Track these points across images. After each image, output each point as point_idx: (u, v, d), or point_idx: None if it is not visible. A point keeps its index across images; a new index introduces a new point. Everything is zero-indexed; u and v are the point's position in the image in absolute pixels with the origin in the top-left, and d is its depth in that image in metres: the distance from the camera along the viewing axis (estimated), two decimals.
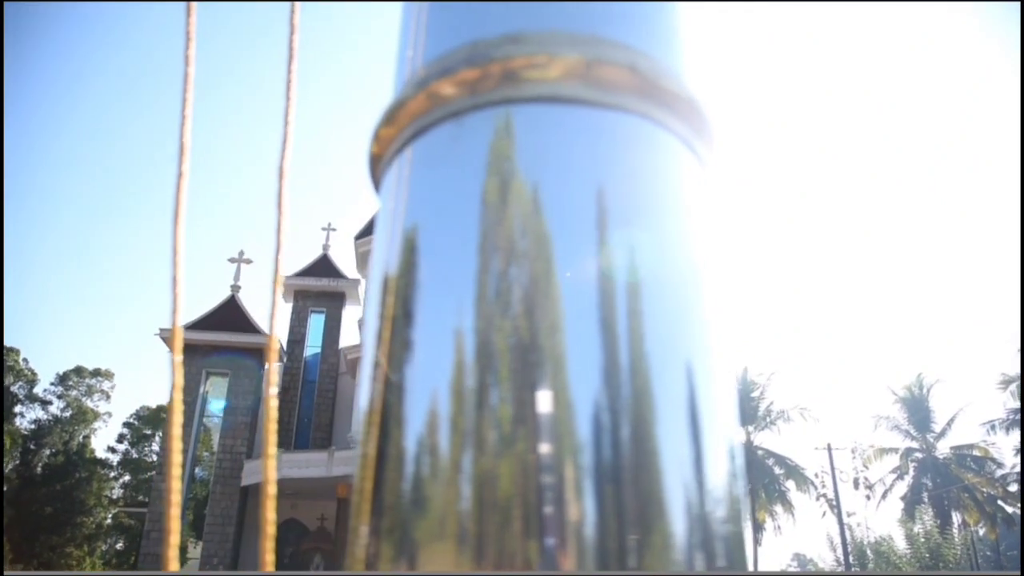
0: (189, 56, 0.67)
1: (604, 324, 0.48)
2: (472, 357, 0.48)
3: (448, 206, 0.51)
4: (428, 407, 0.48)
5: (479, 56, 0.50)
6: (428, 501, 0.46)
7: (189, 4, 0.70)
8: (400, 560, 0.46)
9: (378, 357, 0.51)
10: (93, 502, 44.72)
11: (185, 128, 0.65)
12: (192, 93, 0.66)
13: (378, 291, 0.54)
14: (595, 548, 0.43)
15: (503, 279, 0.49)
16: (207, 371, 21.20)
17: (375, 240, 0.58)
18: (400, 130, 0.54)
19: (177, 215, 0.61)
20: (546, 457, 0.45)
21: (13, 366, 46.08)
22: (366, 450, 0.50)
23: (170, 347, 0.55)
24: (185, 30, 0.69)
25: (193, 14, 0.70)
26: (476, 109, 0.50)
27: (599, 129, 0.50)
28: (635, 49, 0.52)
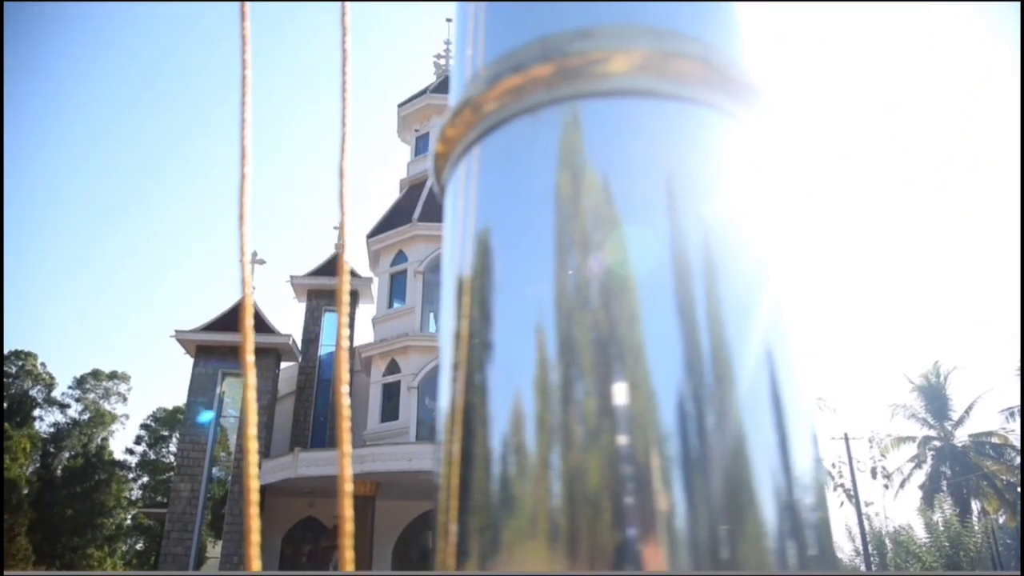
0: (246, 60, 0.68)
1: (682, 312, 0.48)
2: (554, 353, 0.48)
3: (523, 202, 0.51)
4: (512, 405, 0.48)
5: (553, 51, 0.50)
6: (518, 500, 0.46)
7: (243, 5, 0.71)
8: (492, 559, 0.46)
9: (457, 358, 0.51)
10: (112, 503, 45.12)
11: (245, 131, 0.65)
12: (251, 96, 0.67)
13: (453, 292, 0.54)
14: (687, 539, 0.43)
15: (581, 273, 0.49)
16: (223, 372, 21.32)
17: (445, 239, 0.58)
18: (470, 128, 0.54)
19: (242, 217, 0.61)
20: (633, 449, 0.45)
21: (31, 370, 46.48)
22: (450, 449, 0.50)
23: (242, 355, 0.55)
24: (240, 33, 0.70)
25: (247, 18, 0.71)
26: (551, 104, 0.50)
27: (673, 122, 0.50)
28: (705, 41, 0.52)
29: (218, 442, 21.59)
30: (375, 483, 18.18)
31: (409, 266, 21.59)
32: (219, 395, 21.21)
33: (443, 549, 0.48)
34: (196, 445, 20.43)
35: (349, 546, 0.50)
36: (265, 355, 21.38)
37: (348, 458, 0.52)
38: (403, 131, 25.46)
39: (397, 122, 25.30)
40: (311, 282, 23.25)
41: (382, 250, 22.35)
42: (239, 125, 0.65)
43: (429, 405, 19.86)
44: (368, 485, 18.21)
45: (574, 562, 0.44)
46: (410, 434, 19.24)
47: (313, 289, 23.33)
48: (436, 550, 0.50)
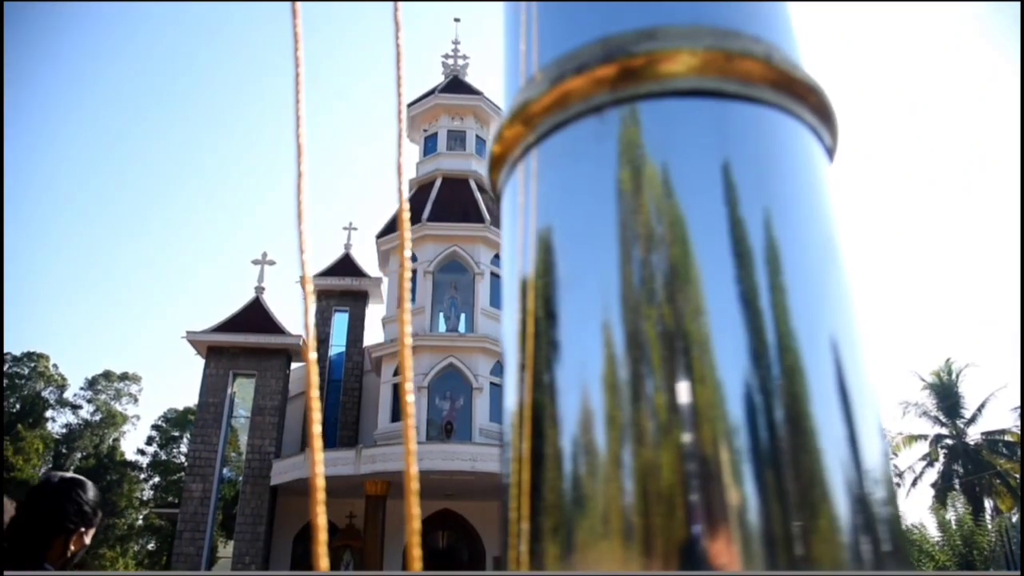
0: (299, 57, 0.68)
1: (746, 303, 0.48)
2: (622, 349, 0.48)
3: (589, 202, 0.51)
4: (582, 404, 0.48)
5: (617, 51, 0.50)
6: (590, 499, 0.46)
7: (294, 5, 0.71)
8: (567, 559, 0.46)
9: (524, 358, 0.52)
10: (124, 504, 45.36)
11: (300, 129, 0.65)
12: (304, 94, 0.67)
13: (516, 292, 0.55)
14: (760, 534, 0.43)
15: (646, 267, 0.49)
16: (234, 372, 21.40)
17: (504, 239, 0.58)
18: (531, 128, 0.54)
19: (300, 216, 0.62)
20: (704, 444, 0.45)
21: (44, 372, 46.79)
22: (519, 449, 0.50)
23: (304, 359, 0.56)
24: (292, 31, 0.70)
25: (299, 15, 0.71)
26: (616, 105, 0.50)
27: (739, 122, 0.50)
28: (767, 41, 0.53)
29: (228, 442, 21.67)
30: (386, 483, 18.22)
31: (419, 266, 21.62)
32: (230, 396, 21.28)
33: (515, 547, 0.49)
34: (208, 446, 20.51)
35: (417, 544, 0.51)
36: (275, 356, 21.45)
37: (413, 456, 0.52)
38: (412, 131, 25.49)
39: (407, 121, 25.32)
40: (321, 282, 23.30)
41: (391, 250, 22.40)
42: (294, 123, 0.65)
43: (439, 405, 19.88)
44: (379, 485, 18.25)
45: (649, 561, 0.44)
46: (420, 434, 19.27)
47: (323, 289, 23.39)
48: (507, 548, 0.50)
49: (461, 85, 25.08)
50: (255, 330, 21.55)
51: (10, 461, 36.91)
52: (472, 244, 21.46)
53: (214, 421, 20.77)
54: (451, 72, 25.89)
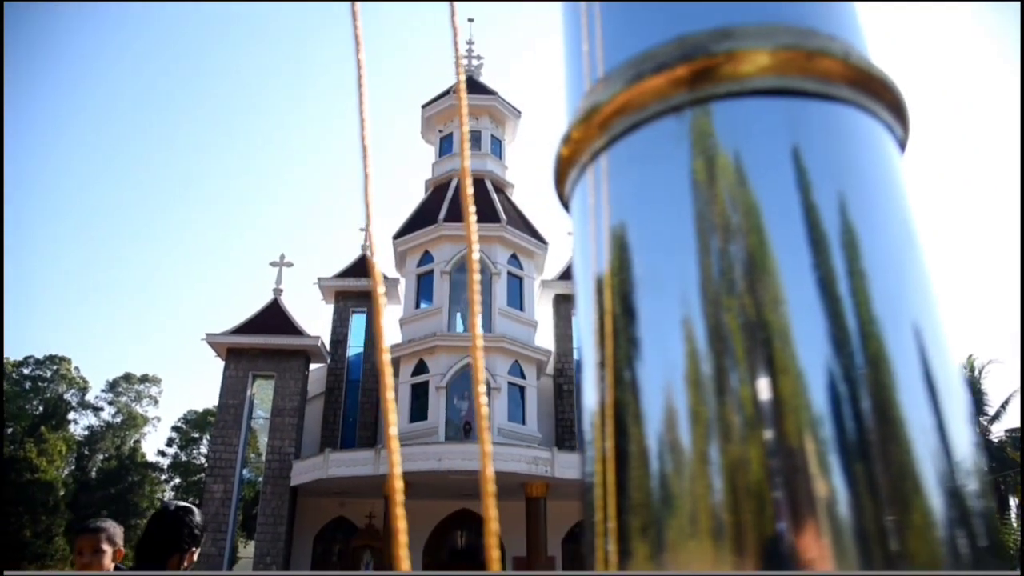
0: (360, 60, 0.69)
1: (825, 290, 0.48)
2: (704, 343, 0.48)
3: (666, 200, 0.51)
4: (665, 400, 0.48)
5: (696, 50, 0.50)
6: (678, 498, 0.46)
7: (354, 5, 0.72)
8: (656, 559, 0.46)
9: (603, 356, 0.52)
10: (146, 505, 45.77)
11: (365, 131, 0.66)
12: (367, 96, 0.68)
13: (590, 292, 0.55)
14: (852, 530, 0.43)
15: (724, 257, 0.49)
16: (253, 374, 21.53)
17: (577, 239, 0.58)
18: (604, 130, 0.54)
19: (368, 216, 0.62)
20: (791, 437, 0.45)
21: (65, 374, 47.31)
22: (602, 448, 0.50)
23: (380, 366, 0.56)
24: (353, 33, 0.71)
25: (359, 17, 0.72)
26: (695, 104, 0.51)
27: (817, 120, 0.50)
28: (842, 39, 0.52)
29: (248, 444, 21.81)
30: (405, 483, 18.25)
31: (436, 266, 21.66)
32: (249, 397, 21.42)
33: (601, 547, 0.49)
34: (228, 447, 20.65)
35: (494, 545, 0.51)
36: (294, 357, 21.57)
37: (489, 458, 0.53)
38: (427, 132, 25.54)
39: (421, 123, 25.38)
40: (339, 284, 23.41)
41: (408, 251, 22.45)
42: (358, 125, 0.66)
43: (457, 405, 19.91)
44: None
45: (740, 559, 0.43)
46: (439, 434, 19.30)
47: (341, 291, 23.49)
48: (592, 549, 0.50)
49: (476, 85, 25.10)
50: (274, 332, 21.68)
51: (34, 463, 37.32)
52: (489, 244, 21.47)
53: (234, 422, 20.91)
54: (465, 72, 25.91)
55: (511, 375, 20.33)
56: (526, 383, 20.64)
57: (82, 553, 3.25)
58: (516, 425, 19.83)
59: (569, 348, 23.18)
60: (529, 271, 22.50)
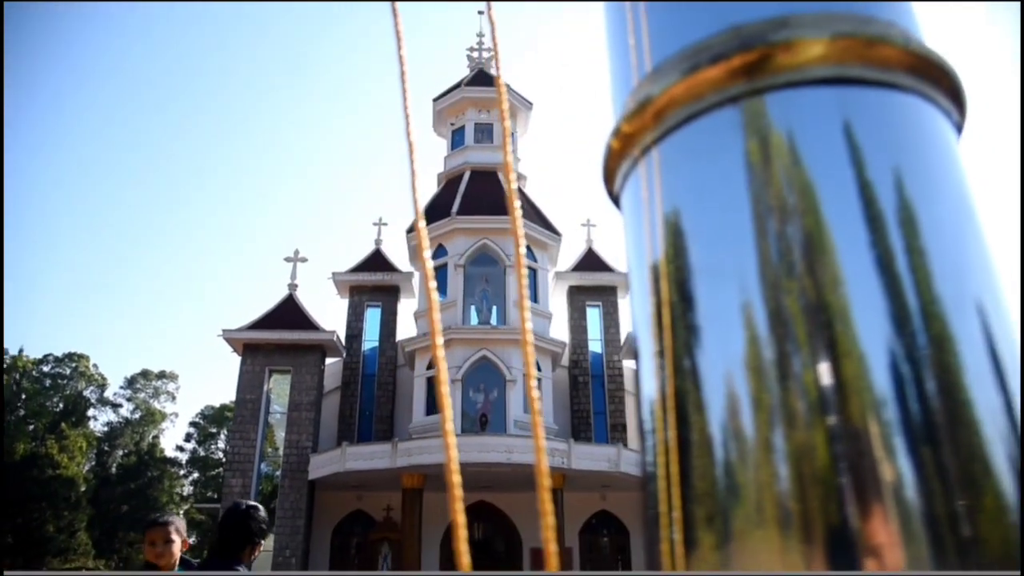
0: (402, 56, 0.69)
1: (884, 268, 0.47)
2: (765, 327, 0.47)
3: (726, 190, 0.51)
4: (727, 388, 0.48)
5: (754, 40, 0.50)
6: (743, 486, 0.46)
7: (394, 5, 0.72)
8: (723, 549, 0.46)
9: (661, 345, 0.52)
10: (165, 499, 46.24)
11: (410, 127, 0.66)
12: (410, 94, 0.68)
13: (645, 281, 0.55)
14: (922, 514, 0.42)
15: (782, 239, 0.48)
16: (270, 369, 21.66)
17: (629, 231, 0.58)
18: (659, 121, 0.54)
19: (417, 214, 0.63)
20: (855, 421, 0.44)
21: (84, 372, 47.78)
22: (663, 437, 0.50)
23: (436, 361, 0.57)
24: (394, 30, 0.71)
25: (399, 14, 0.72)
26: (753, 94, 0.50)
27: (881, 109, 0.50)
28: (900, 25, 0.52)
29: (265, 438, 21.96)
30: (423, 475, 18.35)
31: (449, 260, 21.69)
32: (266, 392, 21.55)
33: (666, 538, 0.49)
34: (246, 441, 20.80)
35: (552, 539, 0.51)
36: (310, 351, 21.68)
37: (543, 452, 0.53)
38: (438, 125, 25.53)
39: (432, 116, 25.37)
40: (353, 278, 23.49)
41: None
42: (403, 121, 0.66)
43: (473, 398, 19.96)
44: (416, 478, 18.39)
45: (809, 548, 0.43)
46: (456, 426, 19.33)
47: (355, 285, 23.57)
48: (656, 539, 0.50)
49: (487, 77, 25.04)
50: (289, 327, 21.79)
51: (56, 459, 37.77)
52: (502, 236, 21.46)
53: (251, 417, 21.05)
54: (476, 65, 25.87)
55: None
56: (541, 375, 20.66)
57: (154, 544, 3.65)
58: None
59: (584, 340, 23.16)
60: (543, 263, 22.49)
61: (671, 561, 0.48)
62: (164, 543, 3.64)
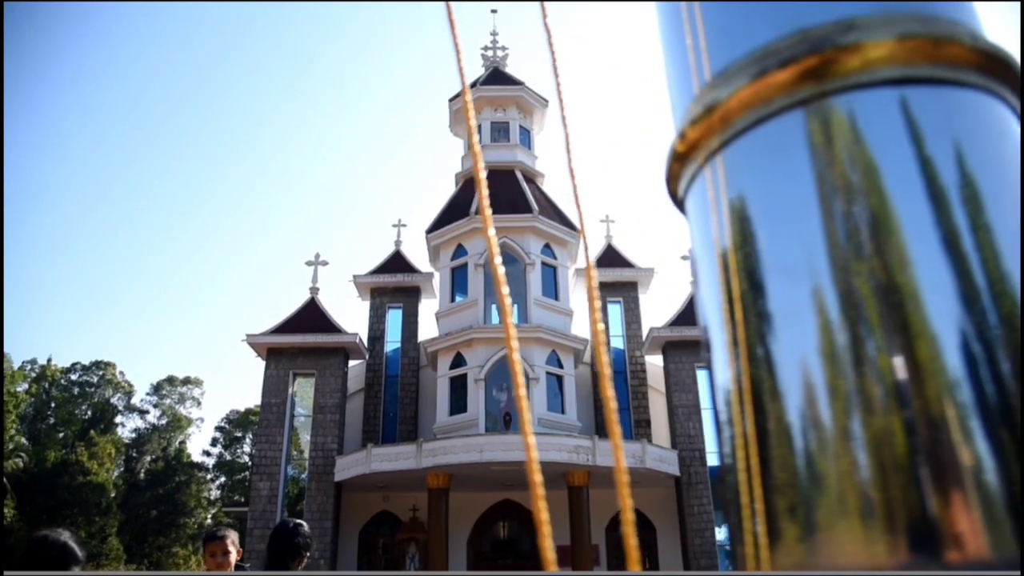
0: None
1: (951, 246, 0.47)
2: (837, 311, 0.47)
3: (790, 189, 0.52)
4: (802, 375, 0.48)
5: (823, 43, 0.51)
6: (824, 476, 0.46)
7: (448, 4, 0.73)
8: (807, 540, 0.46)
9: (734, 333, 0.53)
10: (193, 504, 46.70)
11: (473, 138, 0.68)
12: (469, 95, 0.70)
13: (714, 276, 0.56)
14: (1002, 499, 0.43)
15: (849, 219, 0.48)
16: (294, 372, 21.82)
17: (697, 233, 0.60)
18: (726, 125, 0.56)
19: (485, 220, 0.64)
20: (932, 405, 0.44)
21: (111, 379, 48.37)
22: (741, 428, 0.51)
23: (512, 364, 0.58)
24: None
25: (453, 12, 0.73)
26: (823, 97, 0.52)
27: (951, 108, 0.51)
28: (963, 22, 0.53)
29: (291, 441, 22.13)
30: (448, 475, 18.41)
31: (469, 259, 21.73)
32: (291, 395, 21.71)
33: (749, 530, 0.50)
34: (272, 445, 20.97)
35: (632, 533, 0.53)
36: (333, 354, 21.80)
37: (621, 450, 0.54)
38: (455, 125, 25.57)
39: (448, 116, 25.42)
40: (374, 280, 23.60)
41: (442, 245, 22.54)
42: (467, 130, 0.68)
43: (496, 397, 19.99)
44: (441, 478, 18.45)
45: (893, 537, 0.44)
46: (479, 426, 19.41)
47: (376, 287, 23.68)
48: (738, 531, 0.51)
49: (502, 76, 25.07)
50: (312, 330, 21.93)
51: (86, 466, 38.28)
52: (522, 235, 21.48)
53: (277, 421, 21.22)
54: (491, 64, 25.88)
55: (548, 365, 20.36)
56: (564, 372, 20.65)
57: (215, 555, 4.27)
58: (555, 414, 19.86)
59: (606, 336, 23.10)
60: (563, 260, 22.47)
61: (755, 554, 0.49)
62: (223, 554, 4.26)
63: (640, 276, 23.81)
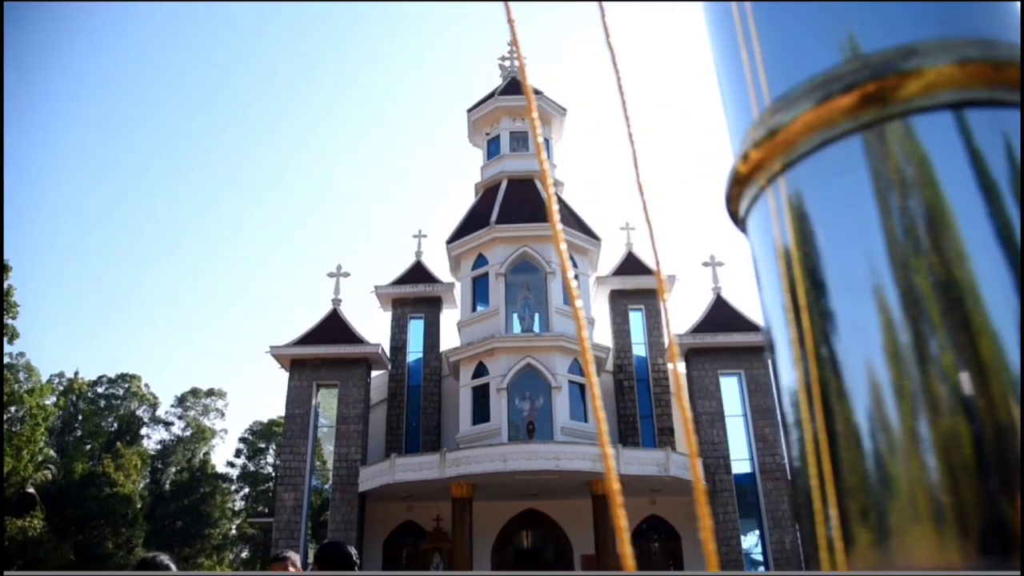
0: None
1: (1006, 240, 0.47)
2: (899, 309, 0.48)
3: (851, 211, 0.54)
4: (867, 375, 0.48)
5: (884, 69, 0.53)
6: (895, 479, 0.46)
7: (507, 4, 0.76)
8: (882, 545, 0.46)
9: (798, 333, 0.54)
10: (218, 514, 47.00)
11: (542, 156, 0.70)
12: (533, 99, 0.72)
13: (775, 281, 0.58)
14: None
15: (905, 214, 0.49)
16: (317, 383, 21.96)
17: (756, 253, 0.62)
18: (790, 147, 0.58)
19: (556, 236, 0.67)
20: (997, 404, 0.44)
21: (137, 391, 48.92)
22: (810, 429, 0.52)
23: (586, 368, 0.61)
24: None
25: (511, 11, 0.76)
26: (885, 121, 0.54)
27: (1007, 128, 0.53)
28: (1015, 44, 0.55)
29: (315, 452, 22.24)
30: (472, 485, 18.42)
31: (490, 269, 21.78)
32: (314, 406, 21.84)
33: (822, 534, 0.51)
34: (297, 456, 21.09)
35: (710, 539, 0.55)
36: (356, 365, 21.92)
37: (696, 458, 0.57)
38: (474, 135, 25.69)
39: (467, 127, 25.54)
40: (395, 291, 23.71)
41: (462, 255, 22.61)
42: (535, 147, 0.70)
43: (519, 406, 19.99)
44: (465, 487, 18.46)
45: (966, 543, 0.44)
46: (502, 435, 19.41)
47: (397, 298, 23.79)
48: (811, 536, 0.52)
49: (520, 86, 25.16)
50: (335, 341, 22.07)
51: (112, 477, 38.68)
52: (542, 244, 21.50)
53: (301, 431, 21.34)
54: (509, 74, 25.99)
55: (571, 373, 20.33)
56: (586, 381, 20.58)
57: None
58: (578, 423, 19.82)
59: (627, 344, 23.05)
60: (584, 268, 22.47)
61: (830, 560, 0.50)
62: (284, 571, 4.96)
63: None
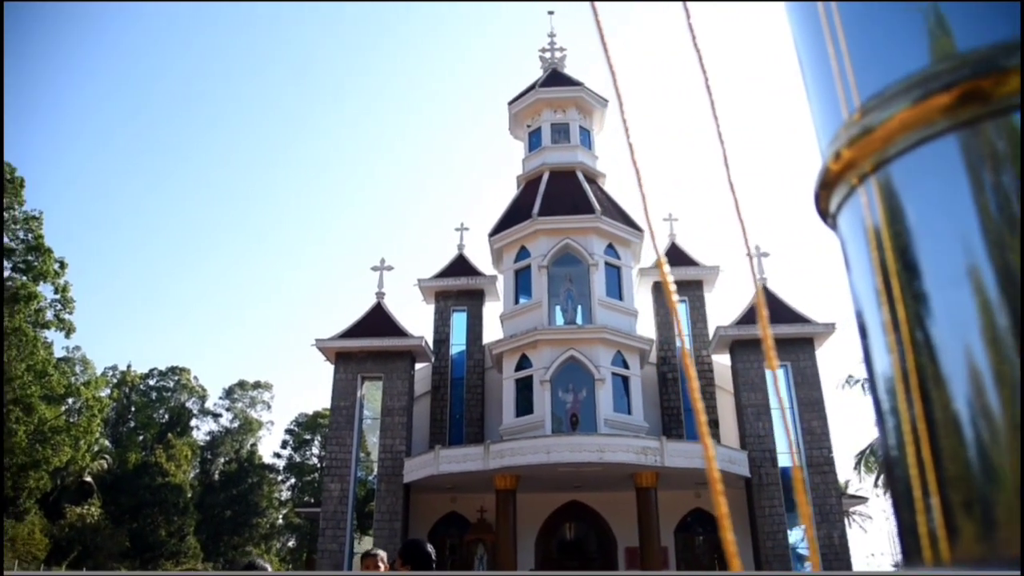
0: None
1: None
2: (995, 290, 0.46)
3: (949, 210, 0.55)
4: (965, 360, 0.47)
5: (985, 67, 0.54)
6: (999, 470, 0.45)
7: (593, 5, 0.78)
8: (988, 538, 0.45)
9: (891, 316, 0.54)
10: (265, 504, 47.94)
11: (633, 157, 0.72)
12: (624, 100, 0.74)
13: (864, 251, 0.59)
14: None
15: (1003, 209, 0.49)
16: (362, 376, 22.23)
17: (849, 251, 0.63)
18: (888, 144, 0.59)
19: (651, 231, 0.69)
20: None
21: (187, 384, 50.09)
22: (908, 416, 0.52)
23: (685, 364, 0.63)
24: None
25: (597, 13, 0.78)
26: (984, 119, 0.55)
27: None
28: None
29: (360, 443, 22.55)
30: (515, 476, 18.49)
31: (533, 261, 21.79)
32: (359, 398, 22.12)
33: (924, 523, 0.50)
34: (342, 447, 21.40)
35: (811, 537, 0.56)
36: (400, 357, 22.14)
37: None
38: (515, 128, 25.67)
39: (508, 119, 25.53)
40: (438, 284, 23.87)
41: (505, 247, 22.65)
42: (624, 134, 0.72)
43: (562, 398, 20.00)
44: (509, 479, 18.55)
45: None
46: (545, 427, 19.44)
47: (440, 291, 23.94)
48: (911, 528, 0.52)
49: (560, 77, 25.06)
50: (379, 334, 22.31)
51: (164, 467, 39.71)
52: (584, 235, 21.44)
53: (346, 423, 21.65)
54: (549, 65, 25.89)
55: (614, 366, 20.27)
56: (629, 373, 20.53)
57: (368, 568, 5.51)
58: (622, 415, 19.76)
59: (671, 336, 22.88)
60: (626, 260, 22.34)
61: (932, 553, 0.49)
62: (375, 567, 5.52)
63: (705, 275, 23.51)
